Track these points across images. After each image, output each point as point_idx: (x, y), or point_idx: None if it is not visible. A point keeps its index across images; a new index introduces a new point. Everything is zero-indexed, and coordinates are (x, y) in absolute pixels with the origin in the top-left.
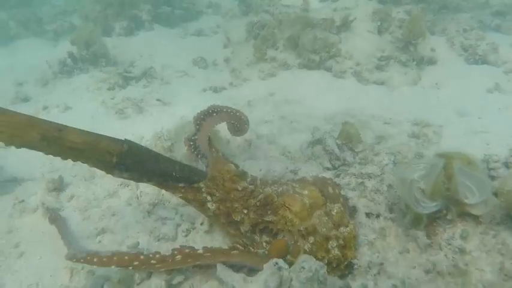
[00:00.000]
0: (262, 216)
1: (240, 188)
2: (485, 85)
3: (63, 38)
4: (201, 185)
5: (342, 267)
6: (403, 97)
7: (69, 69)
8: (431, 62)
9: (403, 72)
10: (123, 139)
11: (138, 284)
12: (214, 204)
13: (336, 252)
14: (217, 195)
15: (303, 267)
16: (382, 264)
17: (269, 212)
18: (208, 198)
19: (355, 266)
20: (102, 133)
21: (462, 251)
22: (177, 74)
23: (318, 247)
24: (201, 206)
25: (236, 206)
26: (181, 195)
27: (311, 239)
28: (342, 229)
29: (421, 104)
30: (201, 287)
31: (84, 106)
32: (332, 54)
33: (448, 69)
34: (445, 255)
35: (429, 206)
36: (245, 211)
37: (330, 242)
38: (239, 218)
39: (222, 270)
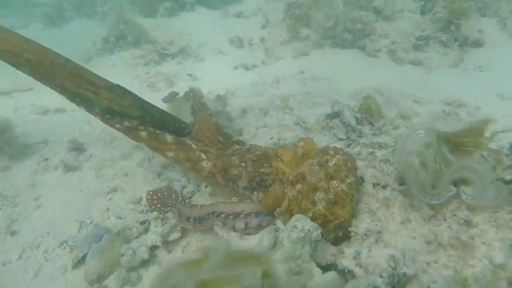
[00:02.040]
0: (258, 169)
1: (221, 139)
2: None
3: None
4: (188, 141)
5: (331, 226)
6: (440, 78)
7: (111, 46)
8: (478, 43)
9: (443, 53)
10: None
11: (135, 238)
12: (209, 162)
13: (322, 205)
14: (211, 151)
15: (295, 227)
16: (380, 232)
17: (265, 165)
18: (203, 156)
19: (352, 234)
20: None
21: (468, 223)
22: (212, 52)
23: (303, 195)
24: (195, 165)
25: (234, 159)
26: (172, 154)
27: (298, 186)
28: (334, 183)
29: (460, 85)
30: (196, 245)
31: (120, 80)
32: (366, 32)
33: (495, 52)
34: (449, 226)
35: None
36: (243, 164)
37: (317, 193)
38: (237, 172)
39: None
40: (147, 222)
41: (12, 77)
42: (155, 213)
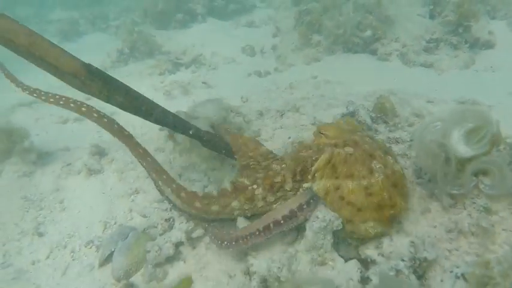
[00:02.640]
0: (298, 159)
1: (264, 150)
2: None
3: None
4: (240, 179)
5: (387, 214)
6: (452, 79)
7: (126, 57)
8: (489, 45)
9: (453, 55)
10: None
11: (160, 235)
12: (259, 187)
13: (381, 178)
14: (258, 175)
15: (317, 217)
16: (400, 223)
17: (302, 152)
18: (254, 186)
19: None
20: None
21: (488, 210)
22: (224, 61)
23: (357, 159)
24: (251, 202)
25: (275, 167)
26: (236, 204)
27: (349, 149)
28: (389, 158)
29: (472, 85)
30: None
31: (136, 88)
32: (377, 37)
33: (506, 53)
34: (469, 214)
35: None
36: (283, 165)
37: (374, 162)
38: (279, 178)
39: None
40: (171, 220)
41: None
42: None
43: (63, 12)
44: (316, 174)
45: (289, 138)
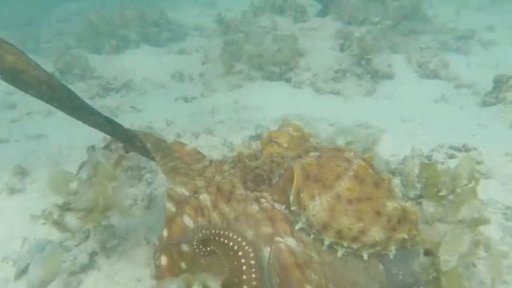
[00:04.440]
0: (246, 168)
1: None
2: (433, 97)
3: None
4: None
5: (384, 186)
6: (355, 105)
7: None
8: (388, 76)
9: (357, 84)
10: None
11: (76, 246)
12: (206, 195)
13: (359, 161)
14: (197, 182)
15: None
16: None
17: (247, 161)
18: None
19: None
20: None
21: None
22: (154, 86)
23: (329, 157)
24: (201, 213)
25: (217, 177)
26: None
27: (314, 153)
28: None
29: (370, 111)
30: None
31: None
32: (291, 66)
33: (402, 83)
34: None
35: None
36: (226, 174)
37: (345, 153)
38: (228, 185)
39: None
40: (87, 231)
41: None
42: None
43: None
44: (302, 196)
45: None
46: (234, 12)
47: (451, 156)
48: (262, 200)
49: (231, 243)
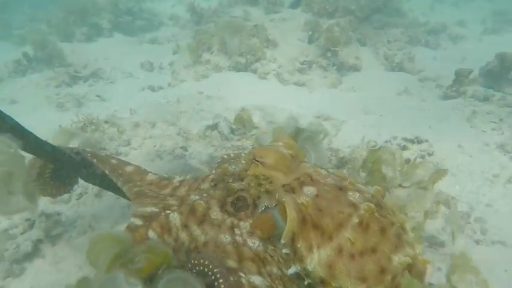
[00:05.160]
0: (227, 190)
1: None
2: (397, 89)
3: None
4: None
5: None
6: (319, 97)
7: (23, 68)
8: (355, 68)
9: (323, 76)
10: None
11: (21, 234)
12: (176, 214)
13: (365, 205)
14: (169, 202)
15: None
16: None
17: (230, 181)
18: (167, 211)
19: None
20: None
21: None
22: (123, 75)
23: (329, 198)
24: (169, 233)
25: (192, 197)
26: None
27: (310, 190)
28: (355, 182)
29: (334, 103)
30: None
31: (30, 100)
32: (257, 57)
33: (368, 76)
34: None
35: None
36: (204, 195)
37: (349, 193)
38: (202, 207)
39: None
40: (32, 220)
41: None
42: (40, 211)
43: None
44: (299, 246)
45: (154, 146)
46: (211, 1)
47: (404, 148)
48: (237, 231)
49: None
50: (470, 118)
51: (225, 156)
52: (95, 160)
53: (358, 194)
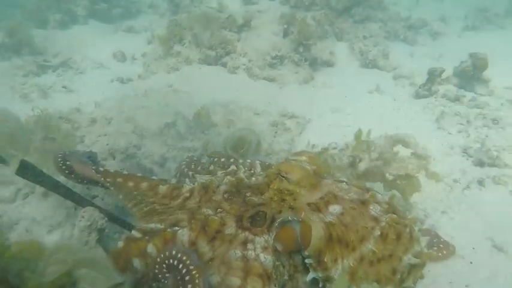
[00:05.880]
0: (245, 204)
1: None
2: (369, 87)
3: None
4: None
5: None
6: (290, 94)
7: None
8: (329, 64)
9: (294, 71)
10: None
11: None
12: (185, 230)
13: (387, 218)
14: (179, 216)
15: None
16: None
17: (248, 195)
18: (175, 228)
19: None
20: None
21: None
22: (93, 66)
23: (353, 215)
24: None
25: (204, 211)
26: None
27: (336, 208)
28: (375, 193)
29: (303, 99)
30: None
31: None
32: (228, 51)
33: (342, 72)
34: None
35: None
36: (219, 210)
37: (370, 207)
38: (216, 224)
39: None
40: None
41: None
42: None
43: None
44: (326, 259)
45: (107, 144)
46: None
47: None
48: (249, 246)
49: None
50: (439, 119)
51: (187, 160)
52: (112, 186)
53: (378, 207)
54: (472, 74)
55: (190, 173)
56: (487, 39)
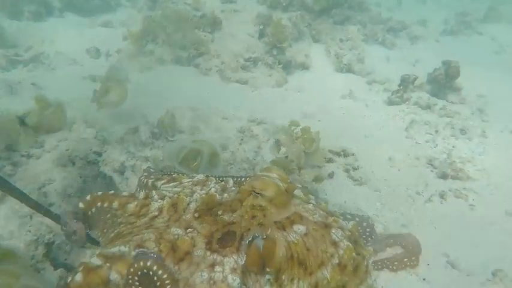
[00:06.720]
0: (216, 223)
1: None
2: (342, 92)
3: None
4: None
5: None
6: (261, 97)
7: None
8: (304, 67)
9: (268, 74)
10: None
11: None
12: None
13: (346, 244)
14: (144, 236)
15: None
16: None
17: (220, 213)
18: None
19: None
20: None
21: None
22: (66, 62)
23: (316, 237)
24: None
25: (173, 230)
26: None
27: (300, 228)
28: (336, 217)
29: (275, 104)
30: None
31: None
32: (201, 52)
33: (316, 75)
34: None
35: None
36: (189, 230)
37: (332, 231)
38: (186, 244)
39: None
40: None
41: None
42: None
43: None
44: (284, 278)
45: (67, 150)
46: None
47: (329, 161)
48: (217, 268)
49: None
50: (408, 128)
51: (145, 174)
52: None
53: (340, 232)
54: (444, 82)
55: (149, 181)
56: (464, 44)
